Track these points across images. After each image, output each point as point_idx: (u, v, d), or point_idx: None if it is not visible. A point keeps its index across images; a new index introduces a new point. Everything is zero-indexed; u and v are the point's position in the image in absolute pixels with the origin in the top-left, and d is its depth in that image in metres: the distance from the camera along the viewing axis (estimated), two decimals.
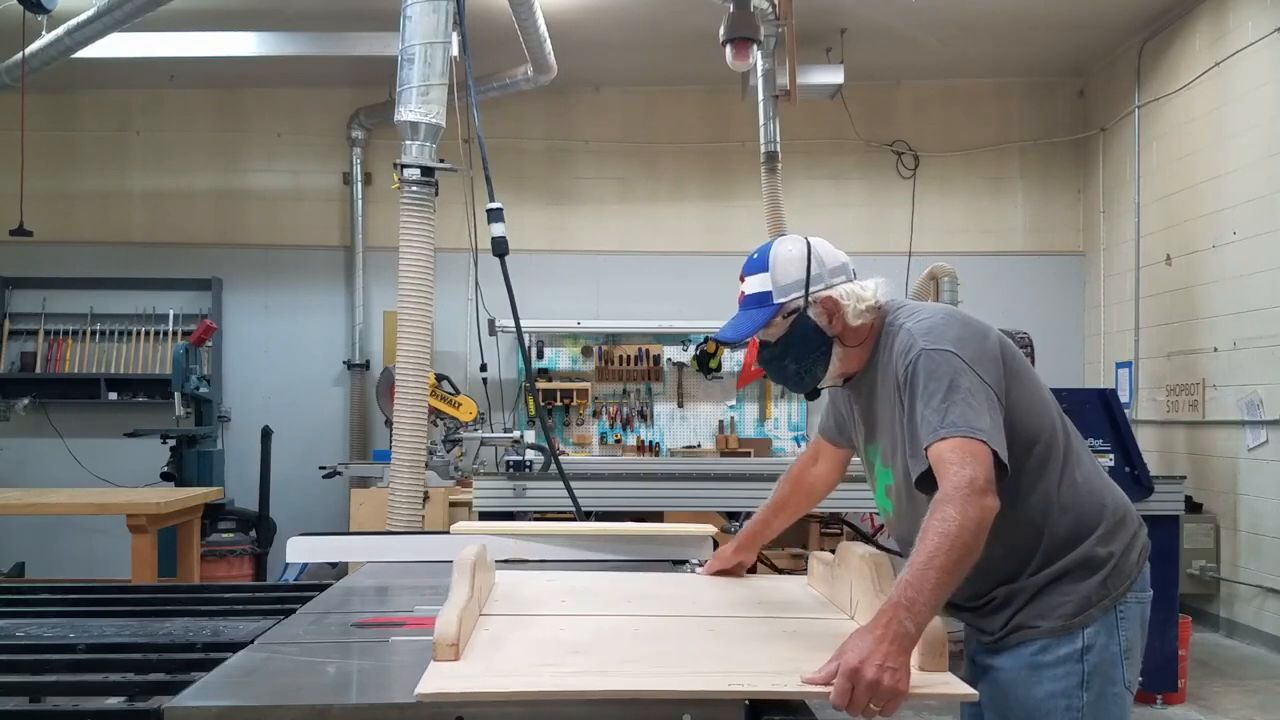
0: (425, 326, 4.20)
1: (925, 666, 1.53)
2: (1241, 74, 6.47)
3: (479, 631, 1.72)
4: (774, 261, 2.10)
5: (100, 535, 7.56)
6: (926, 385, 1.90)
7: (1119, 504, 2.06)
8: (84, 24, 6.14)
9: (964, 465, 1.81)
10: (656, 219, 8.68)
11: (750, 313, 2.11)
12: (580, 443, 8.49)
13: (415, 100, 4.08)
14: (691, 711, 1.40)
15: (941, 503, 1.79)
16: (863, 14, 7.18)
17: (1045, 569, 1.98)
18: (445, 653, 1.50)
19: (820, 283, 2.08)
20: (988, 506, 1.79)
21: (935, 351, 1.93)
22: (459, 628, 1.53)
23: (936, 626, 1.57)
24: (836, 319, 2.08)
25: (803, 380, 2.15)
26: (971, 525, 1.75)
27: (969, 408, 1.87)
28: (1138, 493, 4.90)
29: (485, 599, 1.95)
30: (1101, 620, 1.97)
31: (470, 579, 1.76)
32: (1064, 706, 1.96)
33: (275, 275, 8.60)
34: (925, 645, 1.54)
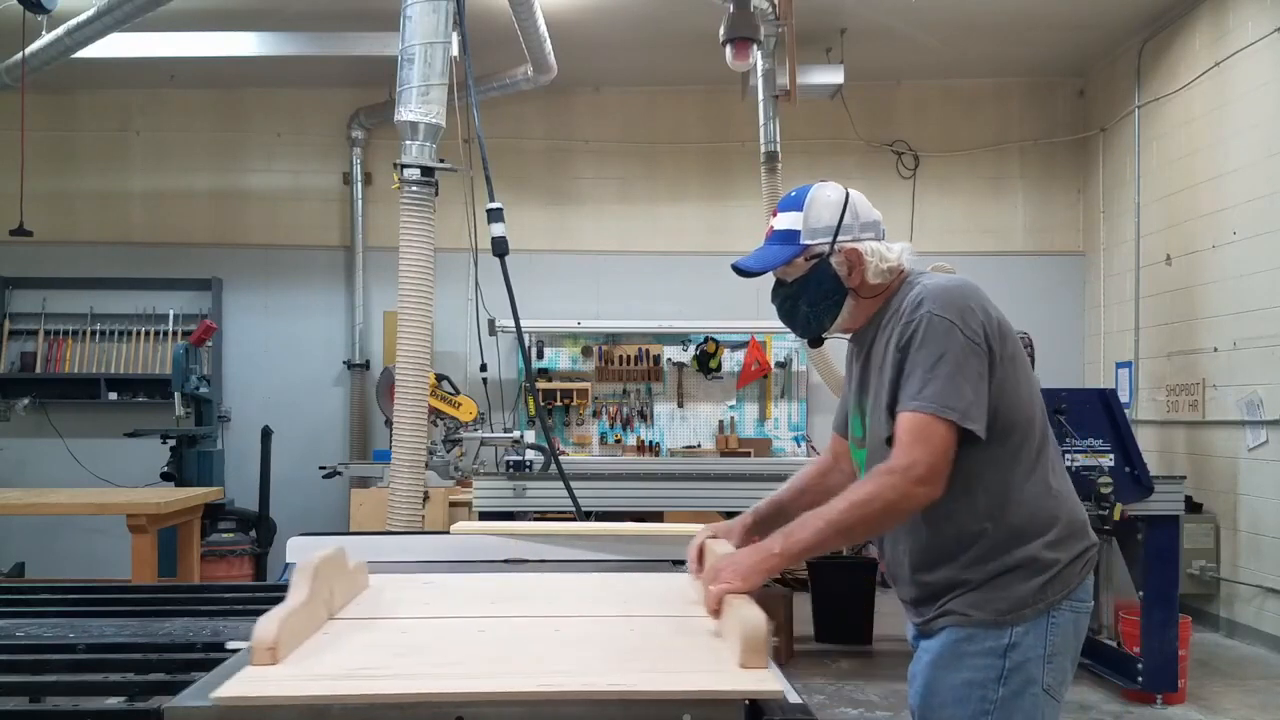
0: (425, 326, 4.20)
1: (746, 664, 1.49)
2: (1241, 74, 6.47)
3: (319, 636, 1.70)
4: (810, 203, 2.12)
5: (100, 535, 7.56)
6: (921, 349, 1.95)
7: (1076, 517, 2.08)
8: (84, 24, 6.14)
9: (912, 449, 1.90)
10: (656, 219, 8.68)
11: (775, 248, 2.13)
12: (580, 443, 8.49)
13: (415, 100, 4.08)
14: (692, 711, 1.40)
15: (873, 475, 1.92)
16: (863, 14, 7.18)
17: (989, 562, 2.00)
18: (262, 656, 1.49)
19: (849, 234, 2.10)
20: (915, 495, 1.90)
21: (939, 318, 1.96)
22: (279, 632, 1.52)
23: (757, 624, 1.52)
24: (856, 272, 2.10)
25: (810, 325, 2.18)
26: (882, 506, 1.90)
27: (951, 382, 1.91)
28: (1138, 493, 4.91)
29: (343, 603, 1.91)
30: (1033, 621, 1.99)
31: (309, 583, 1.73)
32: (978, 696, 1.99)
33: (275, 275, 8.60)
34: (745, 642, 1.50)
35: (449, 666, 1.54)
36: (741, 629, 1.53)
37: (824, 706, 4.95)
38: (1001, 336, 2.01)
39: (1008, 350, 2.01)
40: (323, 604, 1.79)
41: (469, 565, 2.58)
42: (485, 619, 1.88)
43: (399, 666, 1.54)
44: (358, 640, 1.70)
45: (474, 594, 2.13)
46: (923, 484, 1.90)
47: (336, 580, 1.89)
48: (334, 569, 1.89)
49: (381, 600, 2.03)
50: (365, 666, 1.53)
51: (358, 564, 2.09)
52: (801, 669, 5.52)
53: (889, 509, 1.92)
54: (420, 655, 1.61)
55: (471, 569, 2.51)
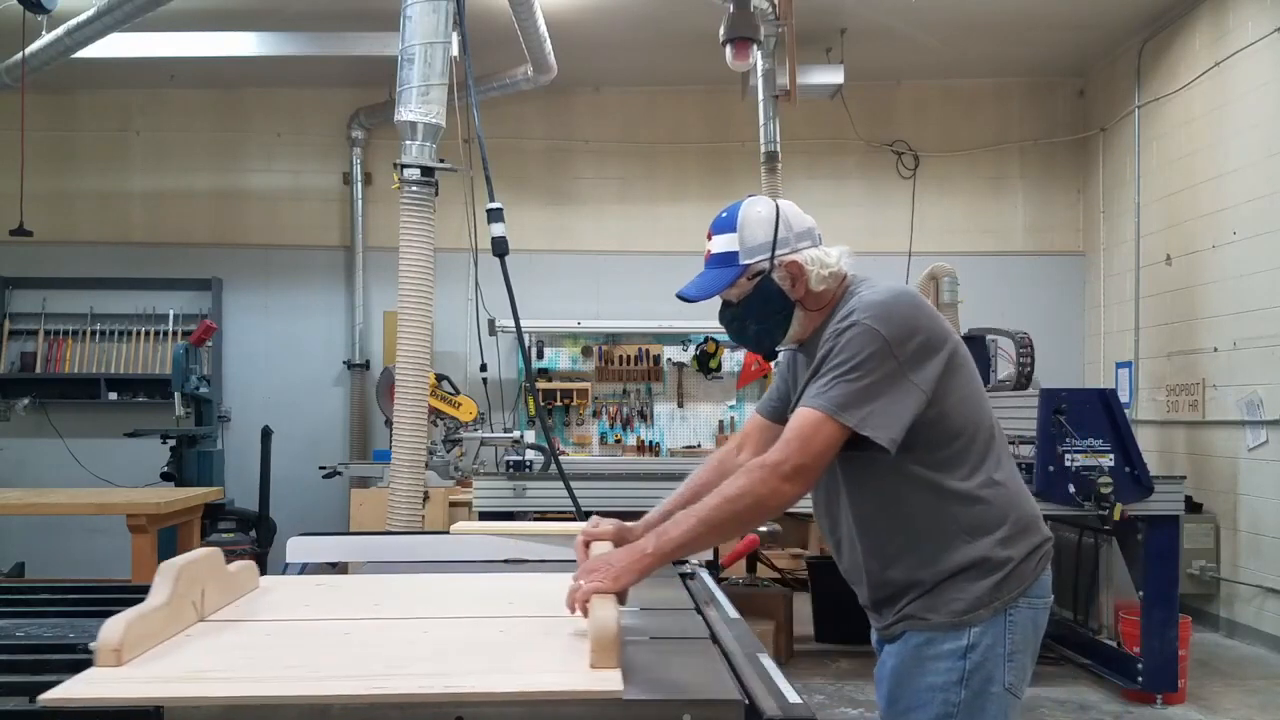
0: (425, 326, 4.20)
1: (595, 664, 1.49)
2: (1241, 74, 6.47)
3: (180, 637, 1.70)
4: (742, 222, 2.13)
5: (100, 535, 7.56)
6: (838, 354, 1.95)
7: (1027, 513, 2.08)
8: (84, 24, 6.14)
9: (788, 445, 1.92)
10: (656, 219, 8.68)
11: (715, 272, 2.14)
12: (580, 443, 8.49)
13: (415, 100, 4.08)
14: (691, 712, 1.40)
15: (746, 469, 1.93)
16: (863, 14, 7.18)
17: (940, 563, 2.01)
18: (106, 658, 1.50)
19: (786, 246, 2.10)
20: (783, 491, 1.91)
21: (865, 328, 1.95)
22: (124, 634, 1.52)
23: (605, 626, 1.52)
24: (800, 283, 2.10)
25: (762, 342, 2.19)
26: (752, 502, 1.90)
27: (857, 389, 1.92)
28: (1138, 493, 4.90)
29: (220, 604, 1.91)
30: (990, 621, 1.99)
31: (170, 584, 1.72)
32: (940, 700, 2.00)
33: (275, 275, 8.60)
34: (594, 643, 1.50)
35: (289, 669, 1.53)
36: (592, 629, 1.53)
37: (824, 706, 4.95)
38: (938, 346, 1.99)
39: (947, 358, 2.00)
40: (189, 605, 1.78)
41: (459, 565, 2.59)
42: (357, 621, 1.87)
43: (242, 669, 1.53)
44: (217, 641, 1.70)
45: (363, 596, 2.12)
46: (788, 481, 1.90)
47: (209, 582, 1.88)
48: (206, 570, 1.87)
49: (263, 602, 2.02)
50: (209, 668, 1.52)
51: (244, 565, 2.09)
52: (801, 669, 5.52)
53: (758, 504, 1.91)
54: (270, 657, 1.61)
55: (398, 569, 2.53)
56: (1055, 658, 5.77)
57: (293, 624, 1.86)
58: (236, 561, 2.07)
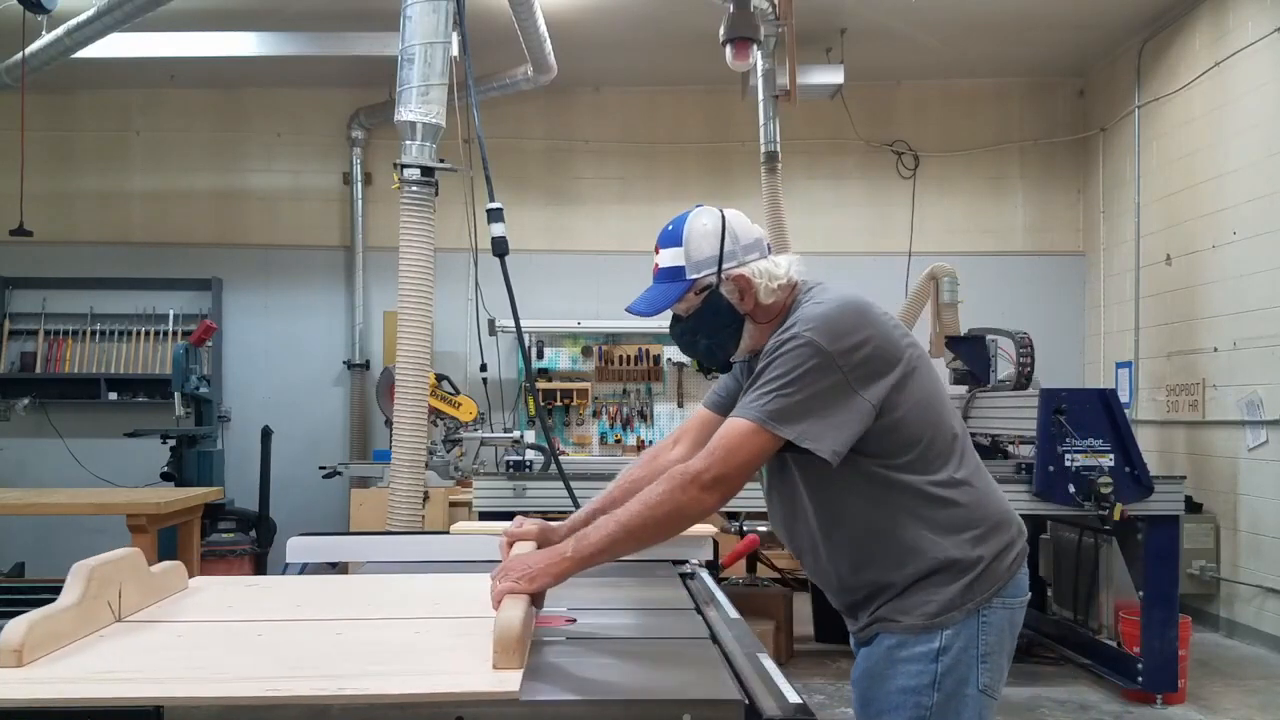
0: (425, 326, 4.20)
1: (498, 665, 1.48)
2: (1241, 74, 6.47)
3: (92, 638, 1.69)
4: (688, 236, 2.11)
5: (100, 535, 7.44)
6: (776, 367, 1.92)
7: (998, 510, 2.05)
8: (84, 24, 6.14)
9: (711, 455, 1.90)
10: (656, 219, 8.51)
11: (663, 287, 2.11)
12: (580, 443, 8.49)
13: (415, 100, 4.08)
14: (691, 712, 1.40)
15: (669, 476, 1.91)
16: (863, 14, 7.18)
17: (908, 565, 1.98)
18: (6, 659, 1.49)
19: (733, 260, 2.07)
20: (701, 500, 1.89)
21: (804, 343, 1.91)
22: (25, 636, 1.51)
23: (508, 625, 1.52)
24: (748, 296, 2.07)
25: (714, 355, 2.16)
26: (670, 510, 1.88)
27: (793, 402, 1.89)
28: (1138, 493, 4.90)
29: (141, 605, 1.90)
30: (962, 623, 1.97)
31: (82, 585, 1.71)
32: (913, 703, 1.98)
33: (275, 275, 8.60)
34: (496, 643, 1.49)
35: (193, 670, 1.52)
36: (495, 629, 1.52)
37: (824, 706, 4.95)
38: (887, 354, 1.95)
39: (899, 366, 1.96)
40: (104, 606, 1.78)
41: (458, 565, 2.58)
42: (272, 623, 1.86)
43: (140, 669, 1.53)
44: (127, 643, 1.69)
45: (286, 597, 2.11)
46: (707, 491, 1.88)
47: (128, 582, 1.87)
48: (125, 571, 1.87)
49: (185, 603, 2.01)
50: (110, 670, 1.52)
51: (171, 565, 2.08)
52: (801, 669, 5.52)
53: (676, 513, 1.89)
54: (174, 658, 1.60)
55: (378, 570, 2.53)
56: (1055, 658, 5.78)
57: (208, 625, 1.85)
58: (163, 563, 2.07)
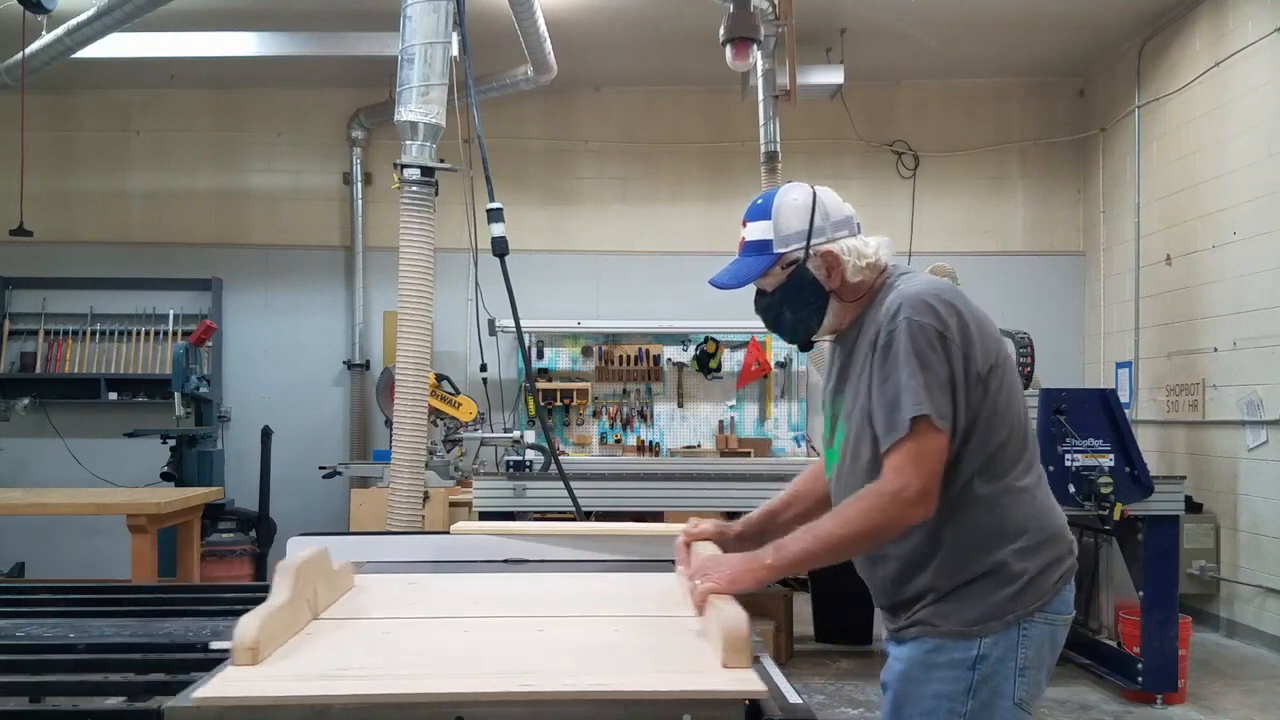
0: (425, 326, 4.20)
1: (728, 664, 1.49)
2: (1241, 74, 6.47)
3: (301, 636, 1.70)
4: (778, 210, 2.09)
5: (100, 535, 7.56)
6: (901, 359, 1.91)
7: (1051, 524, 2.03)
8: (84, 24, 6.14)
9: (902, 471, 1.89)
10: (656, 219, 8.68)
11: (749, 260, 2.10)
12: (580, 443, 8.49)
13: (415, 100, 4.08)
14: (691, 712, 1.40)
15: (864, 495, 1.91)
16: (863, 14, 7.18)
17: (959, 569, 1.97)
18: (243, 656, 1.49)
19: (822, 235, 2.06)
20: (907, 516, 1.89)
21: (919, 323, 1.91)
22: (259, 633, 1.52)
23: (737, 625, 1.52)
24: (835, 273, 2.06)
25: (796, 332, 2.15)
26: (870, 528, 1.89)
27: (932, 388, 1.89)
28: (1138, 493, 4.90)
29: (328, 603, 1.92)
30: (1002, 634, 1.96)
31: (291, 583, 1.73)
32: (946, 709, 1.97)
33: (275, 275, 8.61)
34: (726, 642, 1.50)
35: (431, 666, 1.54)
36: (722, 629, 1.52)
37: (824, 706, 4.95)
38: (983, 342, 1.96)
39: (991, 355, 1.97)
40: (305, 604, 1.79)
41: (466, 565, 2.58)
42: (469, 619, 1.88)
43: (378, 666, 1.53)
44: (340, 640, 1.70)
45: (458, 595, 2.13)
46: (913, 506, 1.89)
47: (320, 580, 1.89)
48: (316, 569, 1.88)
49: (366, 600, 2.03)
50: (346, 666, 1.53)
51: (342, 565, 2.09)
52: (801, 669, 5.52)
53: (878, 530, 1.90)
54: (403, 655, 1.61)
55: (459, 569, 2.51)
56: None
57: (408, 621, 1.87)
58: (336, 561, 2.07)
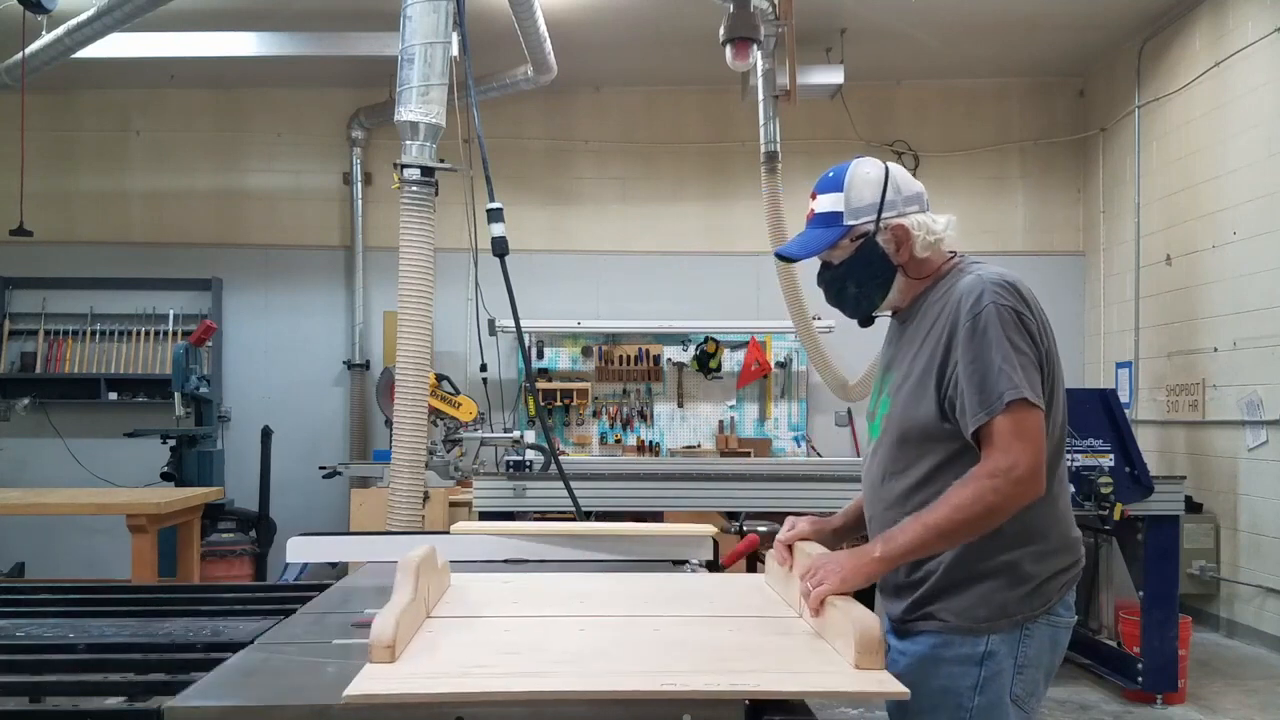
0: (425, 326, 4.20)
1: (861, 665, 1.52)
2: (1241, 74, 6.47)
3: (422, 634, 1.71)
4: (850, 181, 2.08)
5: (100, 535, 7.56)
6: (999, 340, 1.91)
7: (1069, 533, 2.05)
8: (84, 24, 6.14)
9: (1011, 448, 1.87)
10: (656, 219, 8.68)
11: (818, 231, 2.09)
12: (580, 443, 8.49)
13: (415, 100, 4.08)
14: (691, 711, 1.40)
15: (972, 477, 1.89)
16: (863, 14, 7.18)
17: (977, 564, 1.98)
18: (381, 655, 1.51)
19: (894, 209, 2.06)
20: (1019, 495, 1.87)
21: (1006, 308, 1.93)
22: (396, 630, 1.53)
23: (871, 627, 1.55)
24: (904, 248, 2.06)
25: (859, 305, 2.14)
26: (983, 510, 1.86)
27: (1030, 372, 1.91)
28: (1138, 493, 4.90)
29: (435, 601, 1.94)
30: (1008, 632, 1.97)
31: (414, 581, 1.75)
32: (953, 705, 1.97)
33: (275, 275, 8.60)
34: (860, 644, 1.52)
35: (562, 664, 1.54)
36: (856, 630, 1.54)
37: (824, 706, 4.95)
38: (1050, 337, 2.01)
39: (1054, 352, 2.02)
40: (423, 602, 1.81)
41: (471, 565, 2.58)
42: (581, 618, 1.89)
43: (513, 665, 1.54)
44: (462, 638, 1.71)
45: (556, 595, 2.14)
46: (1023, 484, 1.88)
47: (431, 579, 1.91)
48: (429, 567, 1.90)
49: (470, 599, 2.04)
50: (480, 664, 1.53)
51: (444, 563, 2.10)
52: None
53: (991, 512, 1.88)
54: (530, 654, 1.62)
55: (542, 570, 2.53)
56: None
57: (523, 620, 1.88)
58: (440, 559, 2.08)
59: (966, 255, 2.12)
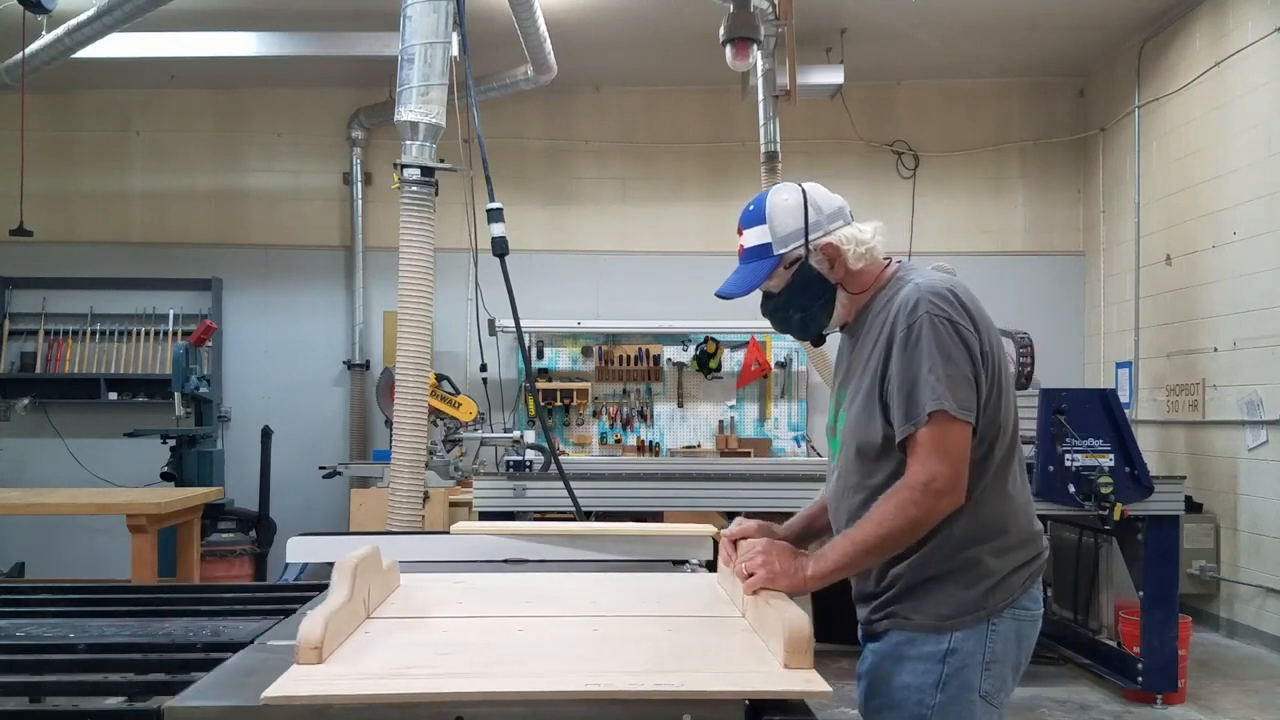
0: (425, 326, 4.20)
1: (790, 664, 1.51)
2: (1241, 74, 6.47)
3: (359, 635, 1.71)
4: (771, 212, 2.12)
5: (100, 535, 7.56)
6: (924, 351, 1.92)
7: (1029, 528, 2.07)
8: (84, 24, 6.14)
9: (929, 460, 1.90)
10: (656, 219, 8.68)
11: (751, 266, 2.12)
12: (580, 443, 8.49)
13: (415, 100, 4.08)
14: (691, 712, 1.40)
15: (894, 491, 1.92)
16: (863, 14, 7.18)
17: (936, 564, 1.99)
18: (308, 656, 1.50)
19: (819, 230, 2.09)
20: (938, 508, 1.91)
21: (940, 317, 1.94)
22: (324, 632, 1.52)
23: (800, 626, 1.54)
24: (838, 264, 2.09)
25: (808, 328, 2.17)
26: (905, 524, 1.91)
27: (958, 382, 1.91)
28: (1138, 493, 4.90)
29: (378, 602, 1.93)
30: (972, 628, 1.98)
31: (350, 582, 1.74)
32: (915, 701, 1.99)
33: (275, 275, 8.60)
34: (789, 643, 1.52)
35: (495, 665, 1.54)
36: (785, 630, 1.54)
37: (824, 706, 4.94)
38: (992, 340, 2.00)
39: (996, 354, 2.00)
40: (361, 603, 1.80)
41: (477, 565, 2.58)
42: (522, 619, 1.89)
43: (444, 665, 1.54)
44: (399, 639, 1.71)
45: (505, 594, 2.14)
46: (943, 496, 1.91)
47: (373, 579, 1.90)
48: (370, 568, 1.89)
49: (416, 600, 2.03)
50: (411, 665, 1.53)
51: (390, 563, 2.10)
52: None
53: (913, 524, 1.92)
54: (464, 654, 1.61)
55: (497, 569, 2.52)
56: (1055, 658, 5.77)
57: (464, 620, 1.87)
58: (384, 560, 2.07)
59: (904, 264, 2.13)
